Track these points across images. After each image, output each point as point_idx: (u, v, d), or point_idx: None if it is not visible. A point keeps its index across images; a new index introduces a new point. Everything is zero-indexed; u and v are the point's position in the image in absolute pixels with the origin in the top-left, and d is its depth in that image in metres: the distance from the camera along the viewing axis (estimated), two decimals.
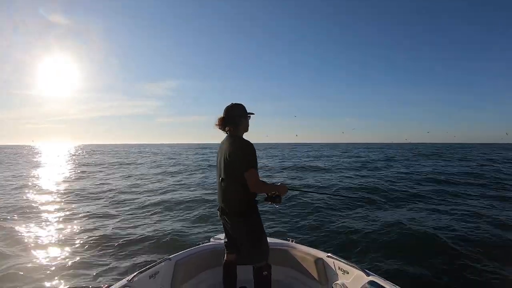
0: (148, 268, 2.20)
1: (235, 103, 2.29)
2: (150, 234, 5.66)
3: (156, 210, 7.69)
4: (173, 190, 10.95)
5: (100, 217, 7.03)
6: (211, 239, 3.10)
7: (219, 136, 2.39)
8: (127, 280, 2.00)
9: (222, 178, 2.20)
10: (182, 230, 5.93)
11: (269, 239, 3.02)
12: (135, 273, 2.09)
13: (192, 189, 11.25)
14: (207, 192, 10.26)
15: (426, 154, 35.71)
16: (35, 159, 33.05)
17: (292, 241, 2.95)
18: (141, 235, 5.59)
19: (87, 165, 23.24)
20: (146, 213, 7.41)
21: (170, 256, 2.52)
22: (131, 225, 6.32)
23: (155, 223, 6.51)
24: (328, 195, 7.29)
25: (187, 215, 7.23)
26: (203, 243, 3.05)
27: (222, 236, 3.13)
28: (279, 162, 25.09)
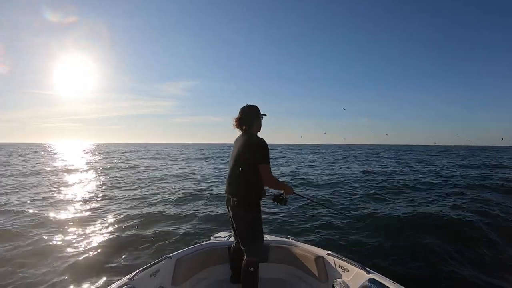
0: (149, 267, 2.21)
1: (250, 105, 2.52)
2: (150, 232, 5.68)
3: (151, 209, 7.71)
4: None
5: (94, 215, 7.06)
6: (212, 237, 3.11)
7: (233, 137, 2.64)
8: (128, 279, 2.00)
9: (233, 170, 2.39)
10: (182, 229, 5.95)
11: (270, 237, 3.04)
12: (136, 272, 2.09)
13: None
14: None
15: None
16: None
17: (292, 239, 2.97)
18: (141, 233, 5.61)
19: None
20: (142, 211, 7.43)
21: (170, 255, 2.53)
22: (130, 223, 6.33)
23: (154, 221, 6.52)
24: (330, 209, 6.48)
25: (186, 214, 7.25)
26: (203, 241, 3.06)
27: (222, 234, 3.15)
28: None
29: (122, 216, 6.89)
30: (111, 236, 5.37)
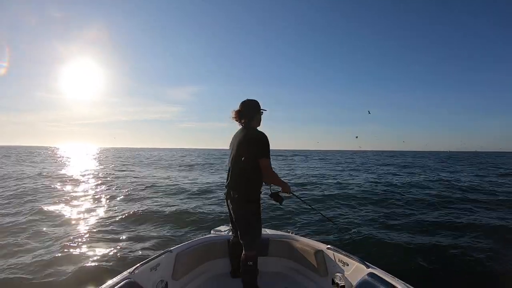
0: (150, 260, 2.21)
1: (251, 99, 2.50)
2: (150, 227, 5.70)
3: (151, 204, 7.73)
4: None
5: (97, 209, 7.09)
6: (212, 231, 3.12)
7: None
8: (128, 272, 2.00)
9: (232, 164, 2.38)
10: (182, 223, 5.97)
11: (270, 231, 3.05)
12: (136, 265, 2.09)
13: None
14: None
15: None
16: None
17: (292, 233, 2.98)
18: (141, 228, 5.63)
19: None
20: (144, 205, 7.46)
21: (171, 248, 2.53)
22: (131, 217, 6.35)
23: (155, 216, 6.55)
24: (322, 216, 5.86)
25: (188, 207, 7.28)
26: (203, 235, 3.07)
27: (222, 228, 3.16)
28: None
29: (121, 212, 6.93)
30: (110, 231, 5.40)
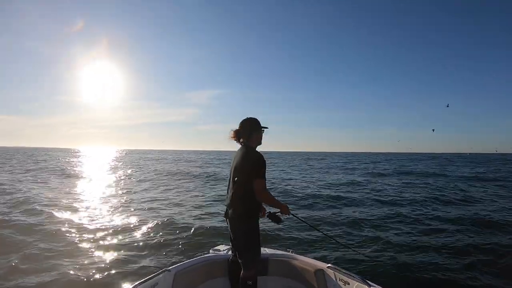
0: (147, 280, 2.19)
1: (250, 117, 2.54)
2: (150, 244, 5.61)
3: (152, 219, 7.63)
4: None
5: (98, 225, 6.98)
6: (210, 251, 3.09)
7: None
8: None
9: (231, 183, 2.42)
10: (181, 242, 5.88)
11: (270, 250, 3.03)
12: (134, 284, 2.08)
13: None
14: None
15: None
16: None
17: (292, 252, 2.96)
18: (139, 246, 5.54)
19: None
20: (142, 222, 7.34)
21: (169, 268, 2.51)
22: (129, 235, 6.25)
23: (153, 233, 6.45)
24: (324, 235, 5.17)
25: (185, 226, 7.17)
26: (202, 254, 3.04)
27: (221, 247, 3.14)
28: None
29: (119, 226, 6.81)
30: (105, 250, 5.28)
